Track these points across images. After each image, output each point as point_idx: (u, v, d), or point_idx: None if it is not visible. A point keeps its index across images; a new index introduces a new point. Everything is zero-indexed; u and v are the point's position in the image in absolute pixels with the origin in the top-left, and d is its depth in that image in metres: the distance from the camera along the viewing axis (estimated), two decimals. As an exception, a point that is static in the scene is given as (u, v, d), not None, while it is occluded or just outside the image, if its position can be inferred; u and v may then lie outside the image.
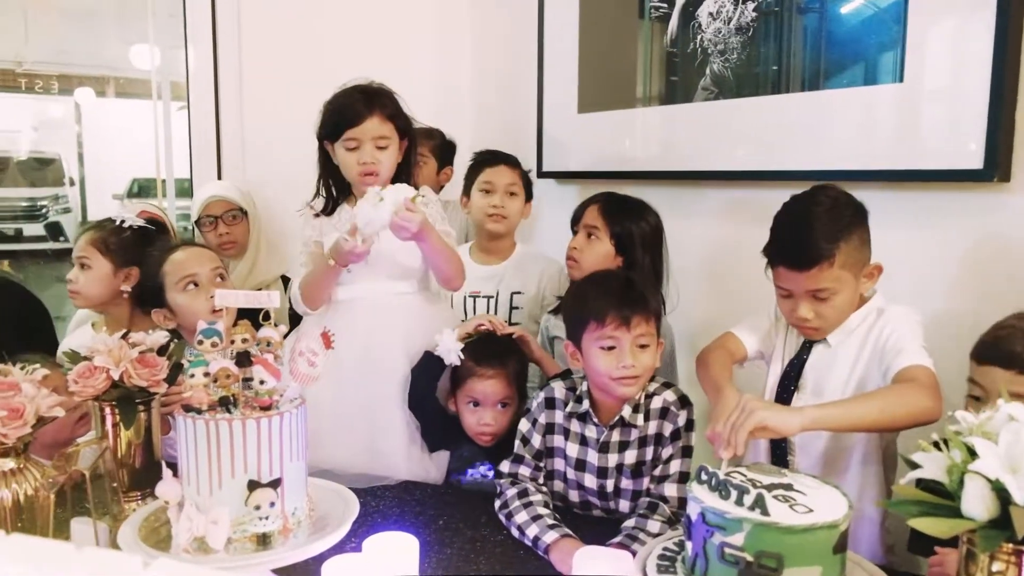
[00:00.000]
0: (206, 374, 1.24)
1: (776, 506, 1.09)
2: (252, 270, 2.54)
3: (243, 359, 1.28)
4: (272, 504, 1.22)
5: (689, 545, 1.15)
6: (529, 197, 2.37)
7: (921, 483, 1.02)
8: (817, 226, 1.50)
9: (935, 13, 1.70)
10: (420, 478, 1.87)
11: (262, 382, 1.24)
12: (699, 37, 2.13)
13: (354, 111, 1.87)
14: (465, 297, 2.29)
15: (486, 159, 2.33)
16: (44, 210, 10.16)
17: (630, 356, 1.54)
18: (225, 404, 1.23)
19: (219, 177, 2.75)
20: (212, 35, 2.70)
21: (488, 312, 2.29)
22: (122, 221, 2.14)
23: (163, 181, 2.96)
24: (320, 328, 1.31)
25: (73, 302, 2.16)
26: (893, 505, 1.05)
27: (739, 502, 1.09)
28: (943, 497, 1.02)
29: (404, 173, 1.97)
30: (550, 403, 1.70)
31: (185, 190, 2.83)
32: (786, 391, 1.64)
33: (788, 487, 1.16)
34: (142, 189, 9.79)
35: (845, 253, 1.50)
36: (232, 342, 1.29)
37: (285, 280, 2.60)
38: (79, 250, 2.11)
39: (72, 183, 11.15)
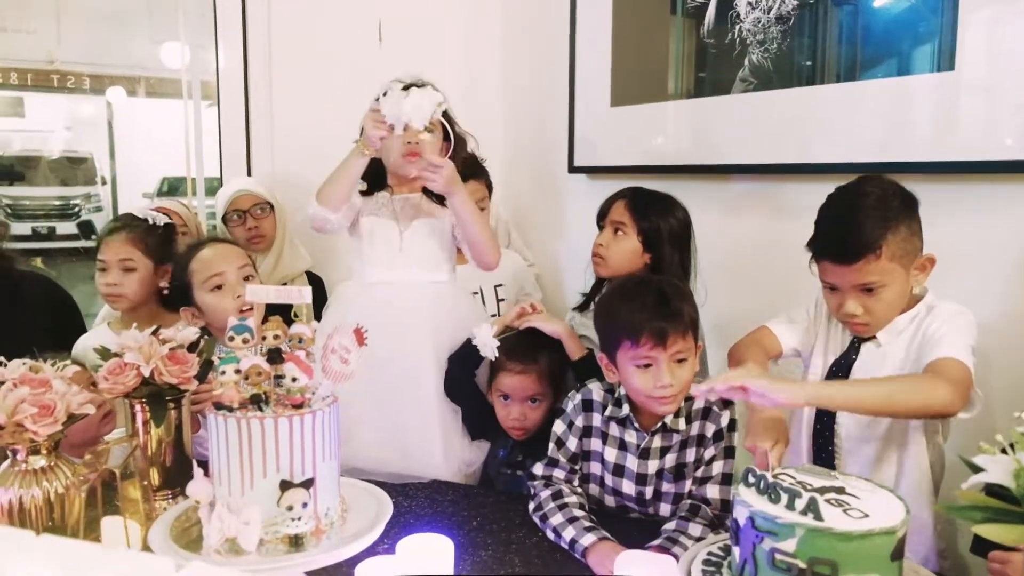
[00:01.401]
0: (237, 371, 1.21)
1: (829, 511, 1.03)
2: (277, 265, 2.52)
3: (275, 356, 1.25)
4: (305, 505, 1.19)
5: (736, 551, 1.10)
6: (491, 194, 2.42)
7: (988, 487, 0.97)
8: (862, 217, 1.44)
9: (974, 3, 1.63)
10: (456, 471, 1.85)
11: (294, 379, 1.21)
12: (737, 27, 2.07)
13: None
14: None
15: None
16: (76, 209, 10.32)
17: (667, 374, 1.47)
18: (256, 402, 1.21)
19: (249, 175, 2.74)
20: (242, 34, 2.68)
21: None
22: (154, 220, 2.12)
23: (192, 180, 2.95)
24: (354, 324, 1.28)
25: (115, 305, 2.07)
26: (955, 510, 1.00)
27: (790, 506, 1.04)
28: (1009, 502, 0.96)
29: None
30: (588, 405, 1.65)
31: (215, 188, 2.82)
32: None
33: (840, 490, 1.10)
34: (172, 188, 9.90)
35: (893, 244, 1.43)
36: (263, 338, 1.26)
37: (310, 276, 2.58)
38: (120, 252, 2.03)
39: (104, 182, 11.31)
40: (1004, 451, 1.01)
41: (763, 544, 1.04)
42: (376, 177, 1.94)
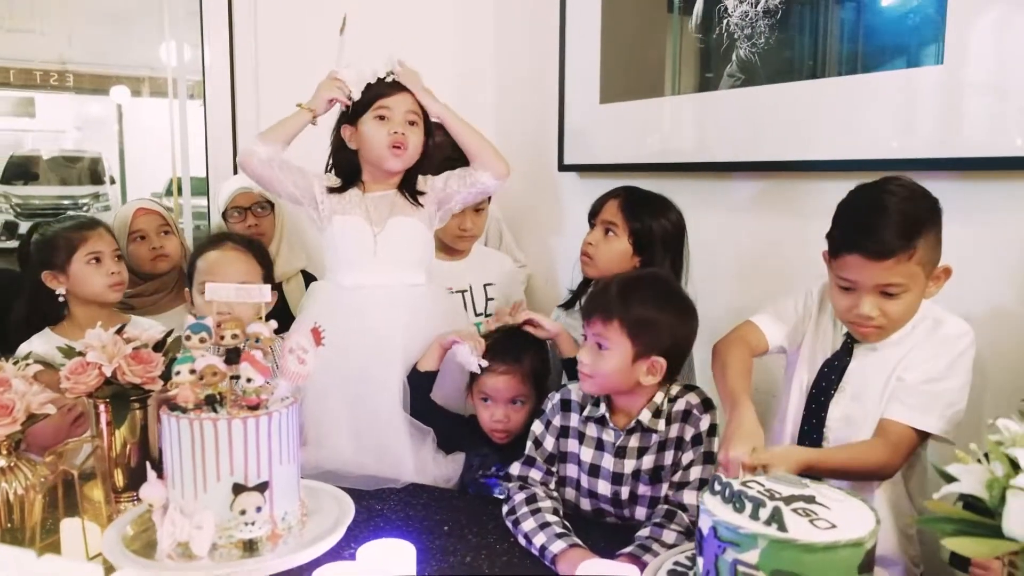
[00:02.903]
0: (192, 371, 1.18)
1: (795, 521, 0.99)
2: (274, 263, 2.49)
3: (233, 356, 1.22)
4: (259, 509, 1.16)
5: (700, 561, 1.06)
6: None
7: (962, 498, 0.93)
8: (897, 212, 1.36)
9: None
10: (432, 478, 1.81)
11: (249, 380, 1.17)
12: (725, 21, 2.02)
13: (387, 85, 1.88)
14: None
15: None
16: (85, 208, 10.32)
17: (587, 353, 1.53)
18: (211, 403, 1.17)
19: (235, 173, 2.71)
20: (228, 31, 2.65)
21: (465, 305, 2.23)
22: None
23: (178, 179, 2.92)
24: (311, 323, 1.24)
25: (116, 294, 2.02)
26: (926, 522, 0.95)
27: (754, 516, 1.00)
28: (983, 514, 0.92)
29: (422, 169, 1.94)
30: (566, 405, 1.63)
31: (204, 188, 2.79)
32: (824, 394, 1.52)
33: (810, 499, 1.06)
34: (180, 189, 9.89)
35: (923, 248, 1.36)
36: (222, 338, 1.23)
37: (305, 275, 2.56)
38: (113, 243, 2.04)
39: (112, 181, 11.35)
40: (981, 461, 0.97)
41: (725, 555, 1.00)
42: (350, 173, 1.91)
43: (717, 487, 1.07)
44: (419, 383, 1.82)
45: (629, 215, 1.91)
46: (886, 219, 1.36)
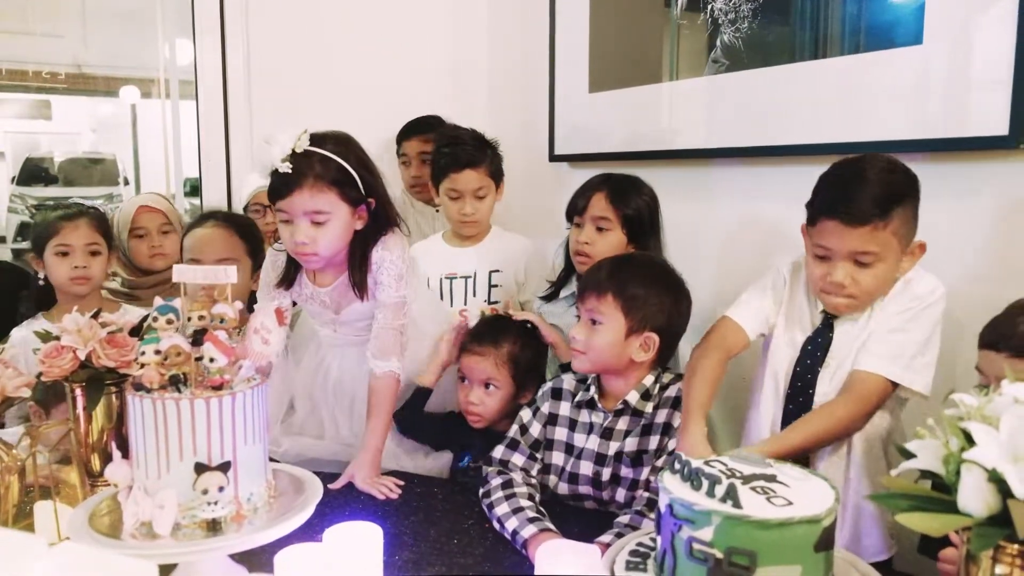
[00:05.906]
0: (157, 352, 1.18)
1: (750, 498, 0.98)
2: None
3: (200, 337, 1.22)
4: (221, 489, 1.16)
5: (659, 540, 1.05)
6: (499, 182, 2.24)
7: (926, 476, 0.91)
8: (876, 182, 1.39)
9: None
10: (413, 467, 1.81)
11: (212, 360, 1.18)
12: (709, 7, 2.00)
13: (280, 180, 1.56)
14: (441, 279, 2.23)
15: (449, 164, 2.14)
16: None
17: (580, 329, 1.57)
18: (176, 383, 1.18)
19: (227, 173, 2.71)
20: (220, 29, 2.65)
21: (467, 291, 2.23)
22: (92, 208, 2.16)
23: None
24: (274, 304, 1.24)
25: (80, 289, 2.04)
26: (882, 499, 0.94)
27: (710, 493, 0.98)
28: (943, 490, 0.90)
29: (373, 237, 1.68)
30: (556, 393, 1.65)
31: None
32: (810, 371, 1.52)
33: (770, 478, 1.04)
34: (194, 188, 9.95)
35: (898, 218, 1.39)
36: (188, 319, 1.23)
37: None
38: (87, 237, 2.05)
39: (127, 182, 11.45)
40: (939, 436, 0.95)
41: (681, 533, 0.98)
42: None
43: (676, 466, 1.05)
44: (414, 400, 1.82)
45: (620, 205, 1.91)
46: (864, 187, 1.39)
